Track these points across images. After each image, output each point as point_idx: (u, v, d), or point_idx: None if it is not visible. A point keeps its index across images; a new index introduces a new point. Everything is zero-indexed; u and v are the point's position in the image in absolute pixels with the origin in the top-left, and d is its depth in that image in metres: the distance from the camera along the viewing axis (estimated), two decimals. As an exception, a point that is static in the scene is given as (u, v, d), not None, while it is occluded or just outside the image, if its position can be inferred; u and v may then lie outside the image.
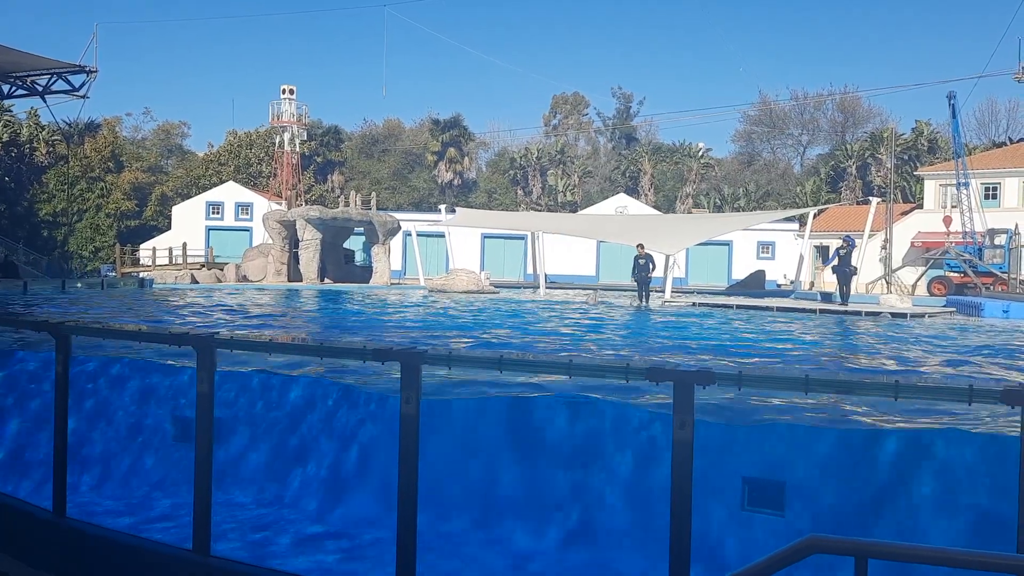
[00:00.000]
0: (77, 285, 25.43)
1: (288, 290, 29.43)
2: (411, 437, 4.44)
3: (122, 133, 66.92)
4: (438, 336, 13.22)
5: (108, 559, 5.55)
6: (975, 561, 2.50)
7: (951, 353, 12.37)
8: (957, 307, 23.43)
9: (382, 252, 35.95)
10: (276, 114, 52.18)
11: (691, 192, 63.29)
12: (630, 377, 4.32)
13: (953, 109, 39.99)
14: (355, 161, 70.42)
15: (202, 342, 5.19)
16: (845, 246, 22.71)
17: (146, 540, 5.66)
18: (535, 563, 5.68)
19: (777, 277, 44.88)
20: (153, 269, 40.33)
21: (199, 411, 5.12)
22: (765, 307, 22.52)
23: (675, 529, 3.99)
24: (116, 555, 5.51)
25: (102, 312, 16.12)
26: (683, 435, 4.01)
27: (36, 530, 5.98)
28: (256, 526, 6.42)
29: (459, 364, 4.89)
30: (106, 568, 5.55)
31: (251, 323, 15.68)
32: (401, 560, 4.45)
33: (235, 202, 52.04)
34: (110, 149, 57.89)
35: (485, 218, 41.50)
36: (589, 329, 15.47)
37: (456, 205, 49.42)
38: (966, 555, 2.50)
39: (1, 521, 6.26)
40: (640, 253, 24.67)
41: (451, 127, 66.32)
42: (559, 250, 43.39)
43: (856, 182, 58.47)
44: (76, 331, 6.08)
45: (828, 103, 73.05)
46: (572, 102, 78.91)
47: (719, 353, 11.50)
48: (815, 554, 2.62)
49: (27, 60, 29.99)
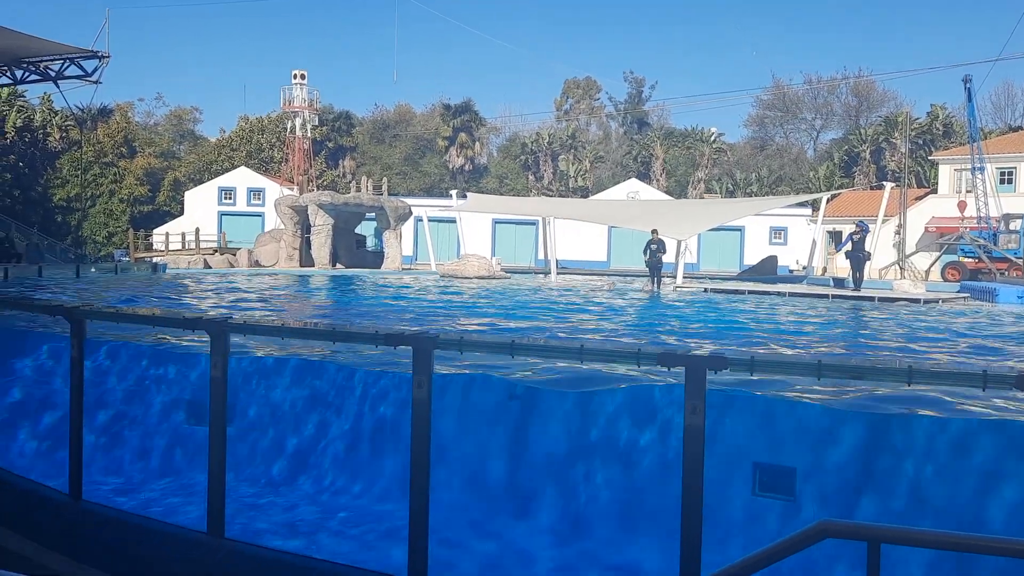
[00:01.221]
0: (91, 270, 25.58)
1: (300, 275, 29.51)
2: (423, 420, 4.46)
3: (135, 119, 67.10)
4: (450, 321, 13.24)
5: (123, 541, 5.61)
6: (988, 546, 2.50)
7: (964, 338, 12.30)
8: (971, 293, 23.26)
9: (393, 237, 35.98)
10: (287, 99, 52.18)
11: (703, 177, 62.98)
12: (642, 362, 4.32)
13: (969, 93, 39.60)
14: (366, 146, 70.38)
15: (215, 327, 5.22)
16: (858, 231, 22.55)
17: (161, 522, 5.71)
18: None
19: (789, 263, 44.67)
20: (166, 254, 40.49)
21: (213, 395, 5.15)
22: (777, 293, 22.43)
23: (686, 515, 3.99)
24: (131, 537, 5.57)
25: (119, 296, 16.22)
26: (695, 420, 4.01)
27: (53, 513, 6.05)
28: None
29: (471, 349, 4.90)
30: (122, 550, 5.60)
31: (264, 308, 15.74)
32: (414, 536, 4.48)
33: (247, 187, 52.13)
34: (123, 135, 58.06)
35: (496, 203, 41.42)
36: (601, 314, 15.46)
37: (467, 190, 49.36)
38: (979, 540, 2.50)
39: (18, 504, 6.33)
40: (653, 238, 24.59)
41: (462, 112, 66.14)
42: (570, 236, 43.30)
43: (870, 167, 58.04)
44: (90, 315, 6.12)
45: (842, 87, 72.51)
46: (584, 87, 78.53)
47: (731, 338, 11.48)
48: (827, 539, 2.62)
49: (40, 45, 30.04)
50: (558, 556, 5.66)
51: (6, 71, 32.97)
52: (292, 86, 51.70)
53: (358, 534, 6.05)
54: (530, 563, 5.64)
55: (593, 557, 5.63)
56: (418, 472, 4.48)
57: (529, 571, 5.56)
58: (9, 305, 8.31)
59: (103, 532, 5.71)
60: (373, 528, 6.14)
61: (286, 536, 5.93)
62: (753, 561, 2.70)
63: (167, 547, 5.40)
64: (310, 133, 53.13)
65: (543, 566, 5.58)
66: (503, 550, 5.78)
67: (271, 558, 5.09)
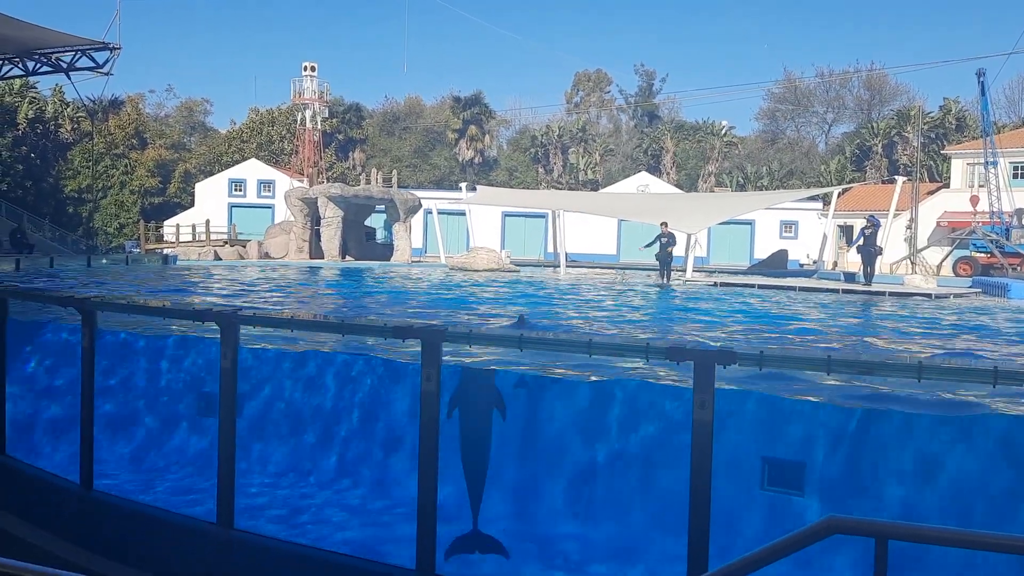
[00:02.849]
0: (102, 261, 25.70)
1: (310, 267, 29.58)
2: (431, 413, 4.47)
3: (145, 110, 67.29)
4: (459, 314, 13.25)
5: (134, 531, 5.64)
6: (995, 543, 2.49)
7: (974, 334, 12.24)
8: (983, 288, 23.12)
9: (403, 230, 35.98)
10: (298, 91, 52.25)
11: (713, 171, 62.74)
12: (650, 356, 4.32)
13: (982, 86, 39.26)
14: (376, 139, 70.37)
15: (225, 319, 5.24)
16: (870, 226, 22.45)
17: (171, 513, 5.74)
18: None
19: (800, 257, 44.51)
20: (177, 246, 40.63)
21: (223, 386, 5.17)
22: (787, 287, 22.35)
23: (694, 509, 3.99)
24: (141, 527, 5.60)
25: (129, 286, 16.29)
26: (703, 415, 4.01)
27: (64, 502, 6.09)
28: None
29: (479, 342, 4.91)
30: (132, 540, 5.64)
31: (274, 300, 15.79)
32: (422, 520, 4.49)
33: (257, 179, 52.22)
34: (134, 126, 58.23)
35: (506, 196, 41.34)
36: (610, 308, 15.44)
37: (477, 183, 49.31)
38: (986, 537, 2.49)
39: (30, 493, 6.38)
40: (664, 231, 24.52)
41: (472, 105, 66.03)
42: (580, 229, 43.21)
43: (882, 161, 57.70)
44: (102, 306, 6.16)
45: (854, 80, 72.03)
46: (595, 79, 78.28)
47: (741, 332, 11.45)
48: (834, 535, 2.62)
49: (51, 37, 30.16)
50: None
51: (18, 62, 33.12)
52: (302, 78, 51.75)
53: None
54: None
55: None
56: (427, 464, 4.49)
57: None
58: (22, 296, 8.35)
59: (113, 521, 5.75)
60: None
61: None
62: (760, 556, 2.70)
63: (176, 536, 5.44)
64: (320, 125, 53.18)
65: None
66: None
67: (279, 548, 5.11)
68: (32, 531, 5.98)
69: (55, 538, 5.85)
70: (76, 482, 5.93)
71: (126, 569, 5.36)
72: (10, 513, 6.22)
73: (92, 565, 5.42)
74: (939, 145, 54.52)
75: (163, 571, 5.32)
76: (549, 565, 5.55)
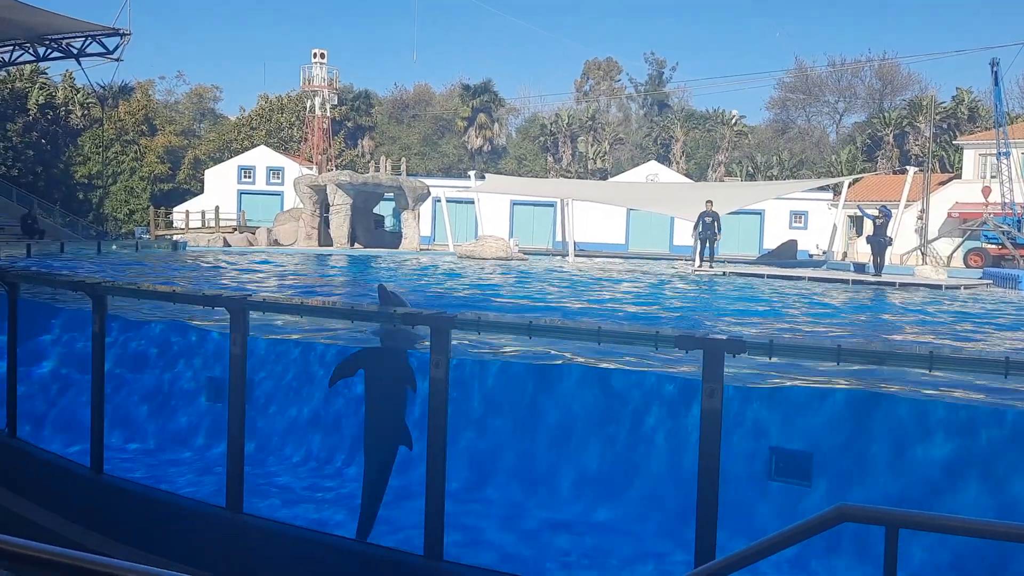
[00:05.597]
0: (112, 247, 25.80)
1: (319, 254, 29.63)
2: (441, 400, 4.47)
3: (155, 96, 67.32)
4: (468, 301, 13.25)
5: (143, 515, 5.68)
6: (1008, 533, 2.48)
7: (986, 325, 12.18)
8: (994, 279, 22.99)
9: (411, 218, 36.00)
10: (307, 78, 52.18)
11: (723, 160, 62.48)
12: (659, 345, 4.31)
13: (996, 76, 38.93)
14: (385, 126, 70.28)
15: (235, 304, 5.25)
16: (880, 216, 22.33)
17: (181, 496, 5.78)
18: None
19: (810, 247, 44.30)
20: (186, 232, 40.71)
21: (232, 372, 5.19)
22: (797, 277, 22.27)
23: (702, 497, 3.99)
24: (151, 511, 5.64)
25: (141, 272, 16.35)
26: (712, 404, 4.00)
27: (74, 486, 6.13)
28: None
29: (488, 330, 4.90)
30: (141, 523, 5.68)
31: (283, 286, 15.82)
32: (430, 510, 4.51)
33: (266, 166, 52.24)
34: (143, 112, 58.28)
35: (514, 185, 41.24)
36: (620, 296, 15.41)
37: (486, 171, 49.21)
38: (998, 527, 2.48)
39: (41, 477, 6.43)
40: (707, 209, 23.38)
41: (481, 93, 65.85)
42: (588, 218, 43.11)
43: (893, 151, 57.33)
44: (112, 291, 6.18)
45: (866, 70, 71.47)
46: (604, 68, 77.90)
47: (750, 322, 11.42)
48: (844, 523, 2.61)
49: (62, 22, 30.17)
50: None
51: (28, 48, 33.17)
52: (312, 65, 51.68)
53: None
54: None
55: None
56: (435, 451, 4.50)
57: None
58: (33, 280, 8.39)
59: (123, 505, 5.79)
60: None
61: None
62: (770, 544, 2.69)
63: (186, 520, 5.47)
64: (329, 112, 53.12)
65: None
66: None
67: (287, 533, 5.14)
68: (43, 514, 6.03)
69: (65, 521, 5.90)
70: (87, 465, 5.96)
71: (134, 551, 5.39)
72: (22, 496, 6.27)
73: (101, 547, 5.46)
74: (951, 135, 54.13)
75: (171, 553, 5.36)
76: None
